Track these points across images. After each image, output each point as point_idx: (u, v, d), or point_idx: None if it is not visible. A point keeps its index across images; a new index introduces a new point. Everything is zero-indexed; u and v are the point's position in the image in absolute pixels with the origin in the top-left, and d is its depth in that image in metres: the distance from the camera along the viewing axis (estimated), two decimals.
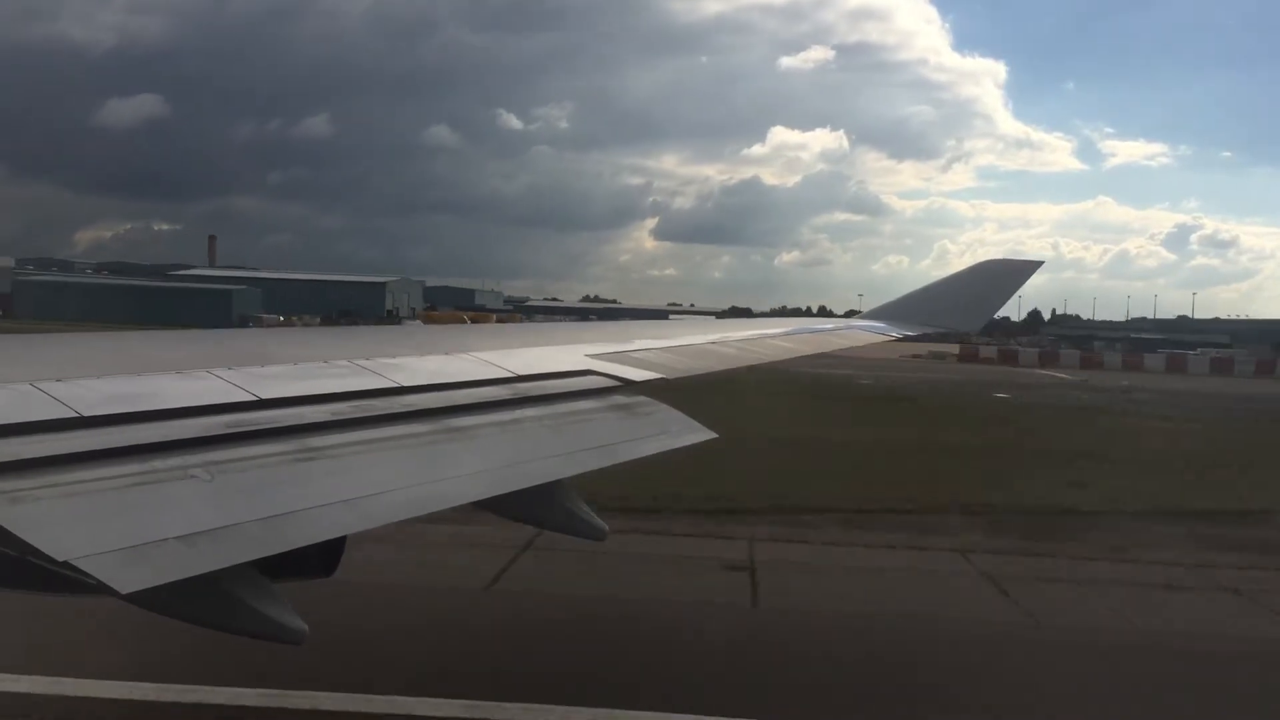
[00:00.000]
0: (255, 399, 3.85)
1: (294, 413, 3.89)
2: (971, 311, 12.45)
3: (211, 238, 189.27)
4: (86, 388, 3.50)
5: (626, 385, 5.65)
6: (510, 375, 5.19)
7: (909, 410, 33.99)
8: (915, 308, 12.35)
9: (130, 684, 7.92)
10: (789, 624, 10.61)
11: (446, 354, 5.40)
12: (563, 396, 5.21)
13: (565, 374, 5.56)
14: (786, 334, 9.43)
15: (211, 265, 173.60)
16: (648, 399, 5.57)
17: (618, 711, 7.78)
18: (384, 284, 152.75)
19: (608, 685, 8.30)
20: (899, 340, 11.55)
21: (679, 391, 6.00)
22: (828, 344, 9.91)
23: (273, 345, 5.17)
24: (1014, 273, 12.92)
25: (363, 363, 4.67)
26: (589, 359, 5.97)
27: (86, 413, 3.28)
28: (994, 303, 12.95)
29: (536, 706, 7.71)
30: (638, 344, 6.83)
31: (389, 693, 7.83)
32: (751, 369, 7.84)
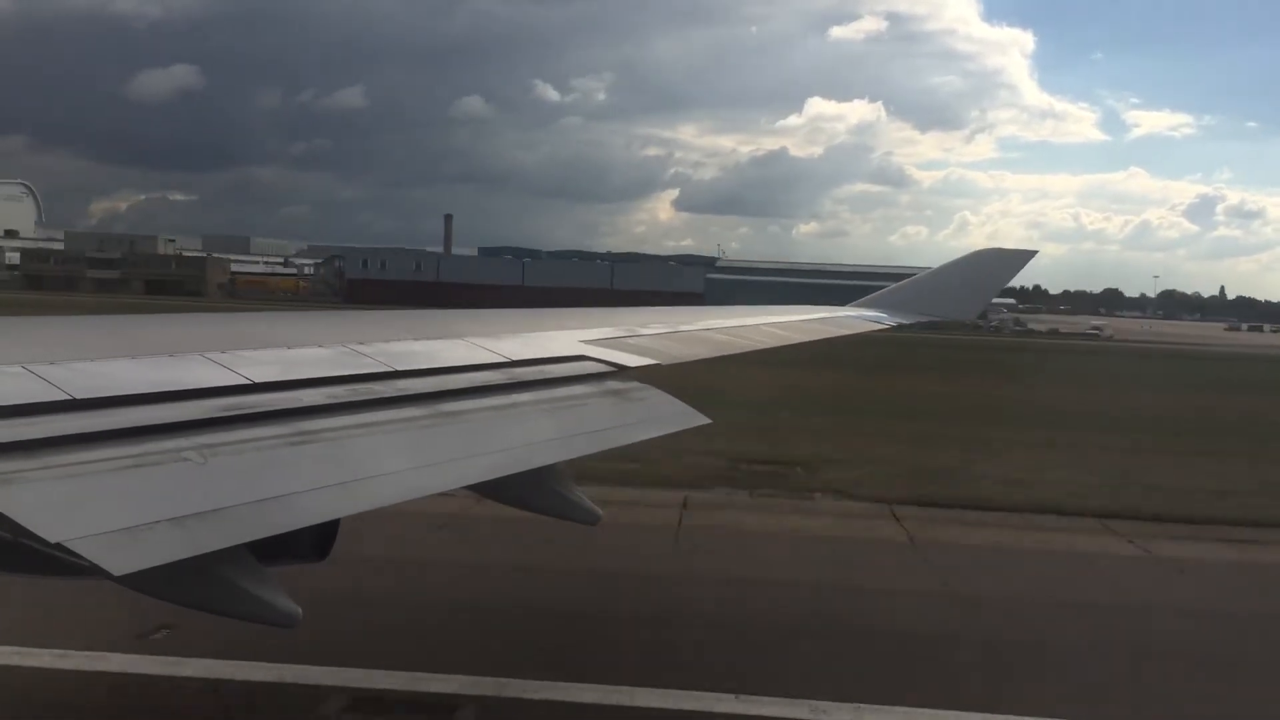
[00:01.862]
0: (249, 382, 3.85)
1: (288, 396, 3.89)
2: (965, 300, 12.49)
3: (448, 217, 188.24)
4: (79, 370, 3.50)
5: (620, 371, 5.66)
6: (504, 360, 5.20)
7: None
8: (910, 297, 12.38)
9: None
10: None
11: (441, 338, 5.40)
12: (557, 382, 5.21)
13: (559, 359, 5.56)
14: (781, 322, 9.44)
15: (447, 246, 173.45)
16: (641, 384, 5.58)
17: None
18: None
19: None
20: (893, 329, 11.57)
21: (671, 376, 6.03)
22: (823, 332, 9.92)
23: (267, 329, 5.16)
24: (1007, 262, 12.95)
25: (357, 347, 4.67)
26: (583, 344, 5.98)
27: (79, 395, 3.27)
28: (988, 292, 12.99)
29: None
30: (632, 329, 6.83)
31: None
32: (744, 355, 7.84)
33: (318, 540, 3.95)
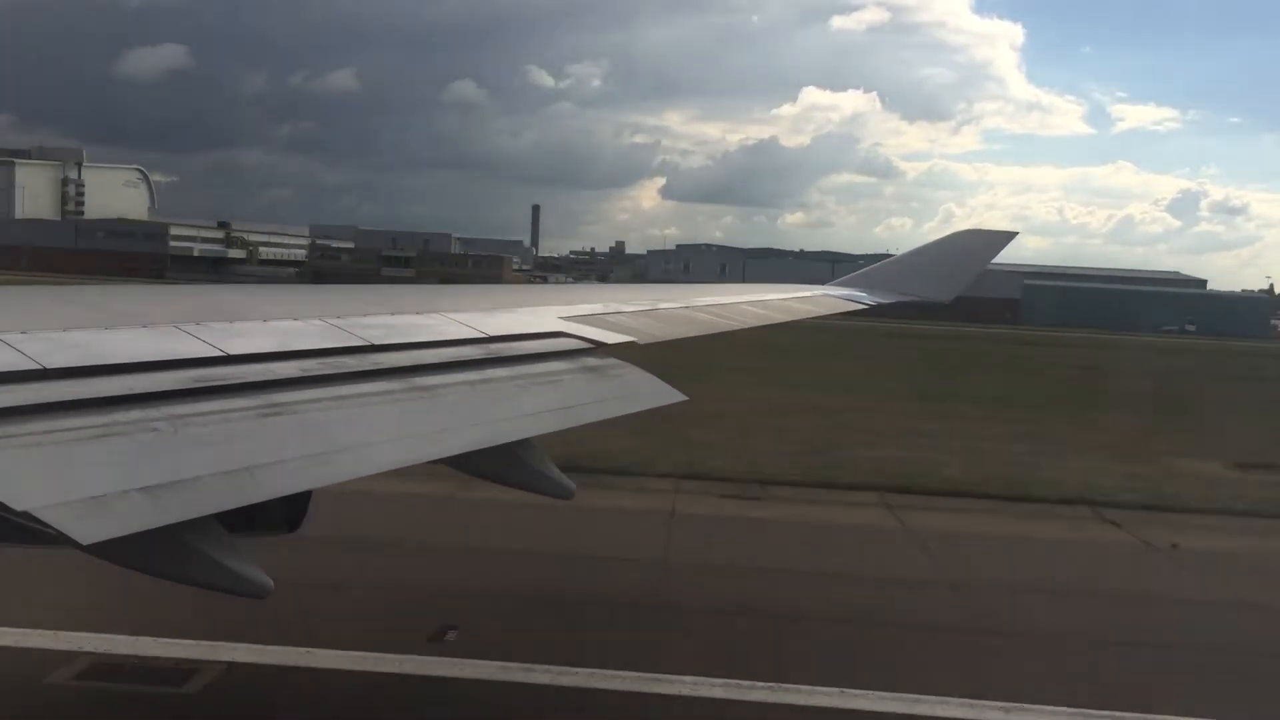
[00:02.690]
0: (222, 354, 3.84)
1: (262, 369, 3.88)
2: (945, 281, 12.48)
3: (535, 207, 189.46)
4: (50, 340, 3.48)
5: (598, 348, 5.66)
6: (482, 336, 5.19)
7: None
8: (890, 276, 12.37)
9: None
10: None
11: (419, 314, 5.39)
12: (533, 358, 5.21)
13: (537, 335, 5.56)
14: (760, 300, 9.45)
15: (535, 240, 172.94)
16: (618, 361, 5.58)
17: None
18: None
19: None
20: (872, 308, 11.59)
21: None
22: (802, 311, 9.93)
23: (245, 303, 5.13)
24: (988, 243, 12.96)
25: (335, 321, 4.66)
26: (562, 321, 5.98)
27: (49, 365, 3.26)
28: (968, 273, 12.99)
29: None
30: (611, 307, 6.83)
31: None
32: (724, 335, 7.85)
33: (289, 511, 3.95)
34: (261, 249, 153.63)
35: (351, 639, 8.45)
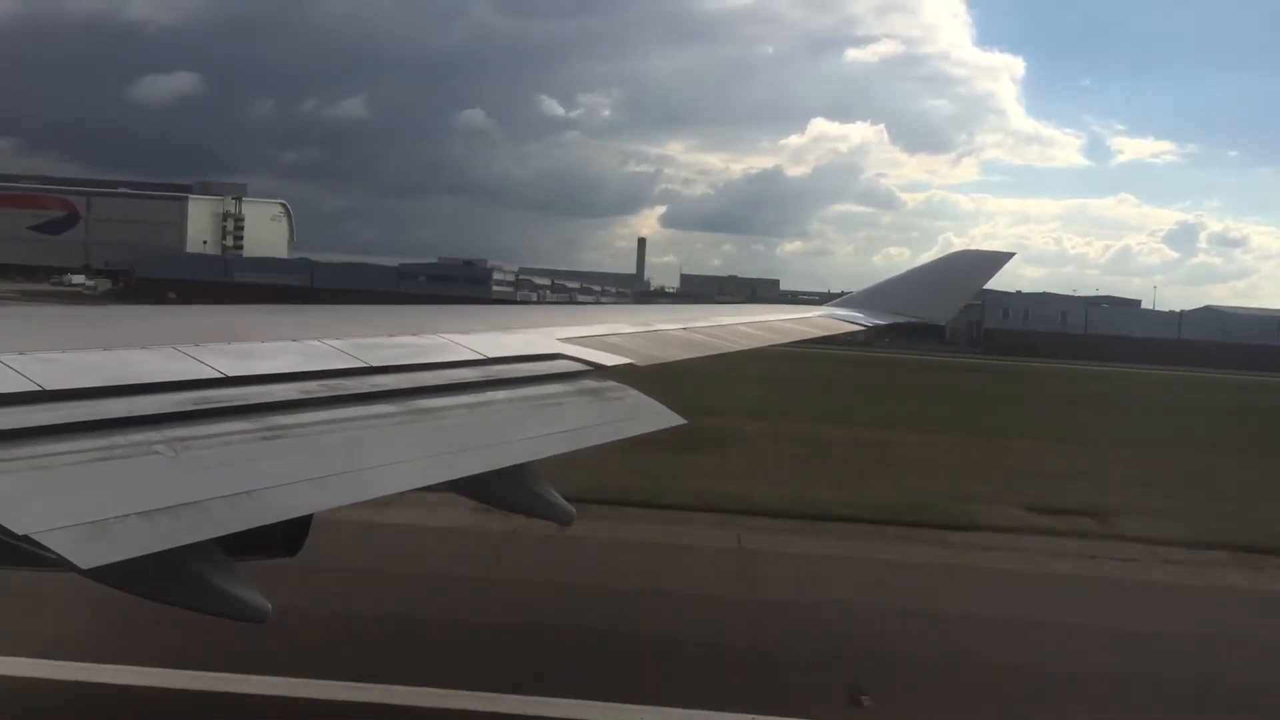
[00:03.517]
0: (222, 376, 3.83)
1: (261, 390, 3.87)
2: (942, 302, 12.52)
3: (641, 240, 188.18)
4: (50, 361, 3.47)
5: (597, 370, 5.66)
6: (480, 358, 5.18)
7: None
8: (887, 296, 12.38)
9: None
10: None
11: (418, 335, 5.38)
12: (532, 380, 5.20)
13: (535, 357, 5.56)
14: (758, 322, 9.45)
15: (640, 269, 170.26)
16: (617, 384, 5.57)
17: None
18: None
19: None
20: (869, 329, 11.60)
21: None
22: (799, 332, 9.94)
23: (244, 324, 5.13)
24: (986, 264, 13.02)
25: (333, 342, 4.65)
26: (560, 343, 5.97)
27: (49, 386, 3.25)
28: (964, 293, 13.04)
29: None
30: (609, 328, 6.83)
31: None
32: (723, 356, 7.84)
33: (289, 535, 3.93)
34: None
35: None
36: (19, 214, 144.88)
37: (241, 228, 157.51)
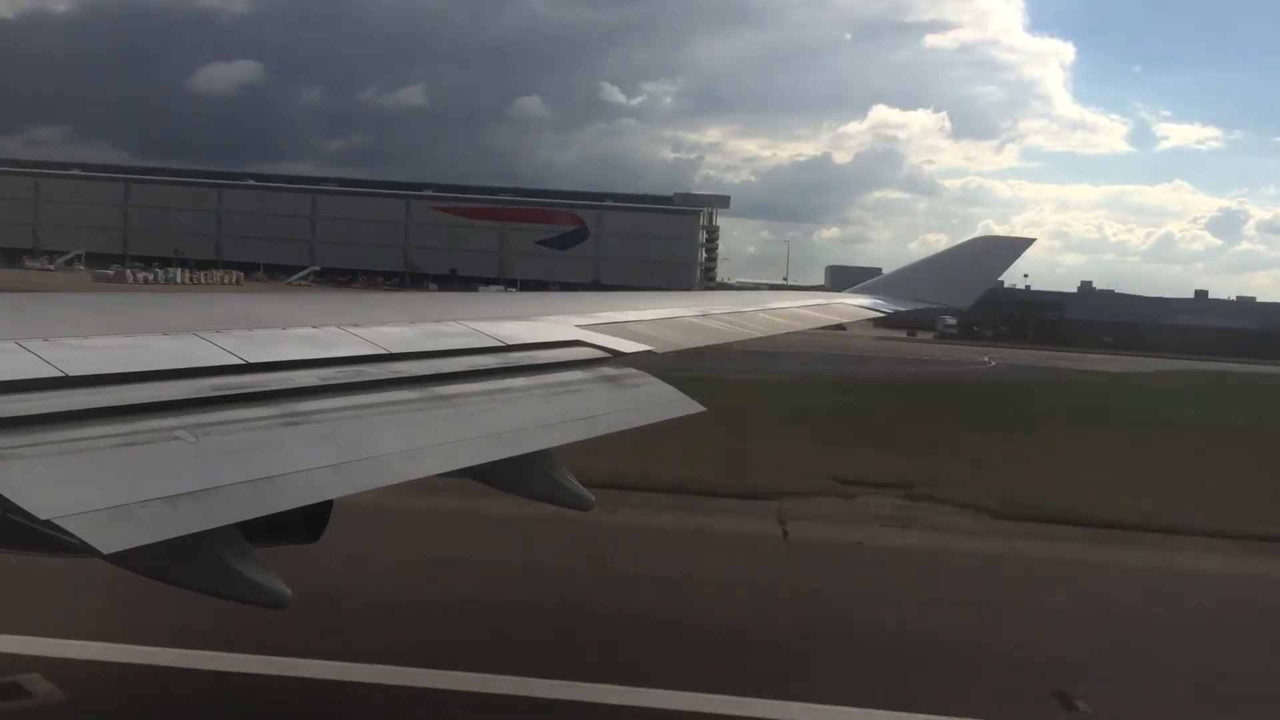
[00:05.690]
0: (243, 362, 3.84)
1: (281, 377, 3.88)
2: (963, 288, 12.45)
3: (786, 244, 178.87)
4: (73, 347, 3.49)
5: (615, 357, 5.65)
6: (499, 344, 5.19)
7: None
8: (908, 283, 12.32)
9: None
10: None
11: (436, 321, 5.39)
12: (551, 367, 5.21)
13: (554, 344, 5.56)
14: (779, 309, 9.43)
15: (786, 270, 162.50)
16: (636, 371, 5.57)
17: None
18: None
19: None
20: (889, 315, 11.54)
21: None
22: (818, 319, 9.90)
23: (263, 310, 5.15)
24: (1007, 250, 12.94)
25: (352, 329, 4.67)
26: (579, 329, 5.97)
27: (72, 373, 3.27)
28: (986, 279, 12.96)
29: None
30: (628, 316, 6.82)
31: None
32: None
33: (309, 521, 3.95)
34: None
35: None
36: (530, 229, 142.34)
37: (715, 240, 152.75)
